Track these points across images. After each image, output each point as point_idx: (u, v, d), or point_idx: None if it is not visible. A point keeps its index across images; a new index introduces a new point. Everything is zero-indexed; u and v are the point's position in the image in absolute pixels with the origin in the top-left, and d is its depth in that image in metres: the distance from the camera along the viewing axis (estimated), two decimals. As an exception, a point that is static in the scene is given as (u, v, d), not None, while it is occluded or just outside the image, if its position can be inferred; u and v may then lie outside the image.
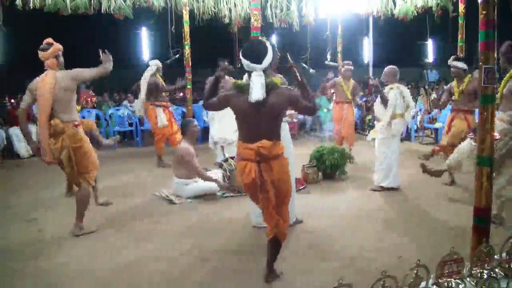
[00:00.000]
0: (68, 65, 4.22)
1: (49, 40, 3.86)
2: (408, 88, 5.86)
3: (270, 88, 2.67)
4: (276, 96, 2.68)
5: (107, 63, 3.95)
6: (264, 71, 2.71)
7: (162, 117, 6.79)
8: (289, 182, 2.92)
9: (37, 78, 3.78)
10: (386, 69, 5.40)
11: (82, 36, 13.94)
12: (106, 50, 3.93)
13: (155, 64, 7.02)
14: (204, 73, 7.62)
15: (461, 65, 5.34)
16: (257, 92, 2.61)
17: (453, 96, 5.42)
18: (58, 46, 3.83)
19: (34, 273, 3.17)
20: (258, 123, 2.70)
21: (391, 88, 5.25)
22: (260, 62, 2.69)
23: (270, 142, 2.68)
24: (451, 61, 5.41)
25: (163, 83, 7.06)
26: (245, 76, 4.09)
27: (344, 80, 7.17)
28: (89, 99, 7.59)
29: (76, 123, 3.78)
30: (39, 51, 3.82)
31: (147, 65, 7.06)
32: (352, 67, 7.20)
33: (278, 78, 2.78)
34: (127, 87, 11.28)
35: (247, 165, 2.73)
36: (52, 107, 3.66)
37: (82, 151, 3.78)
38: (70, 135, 3.71)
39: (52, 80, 3.66)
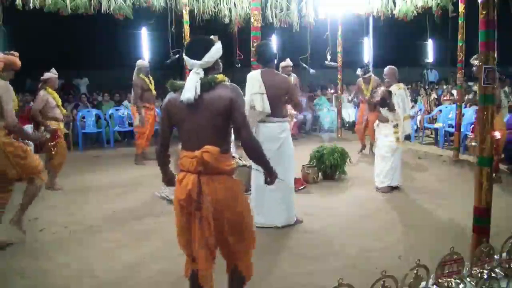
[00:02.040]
0: (68, 65, 4.22)
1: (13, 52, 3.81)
2: (408, 88, 5.88)
3: (208, 87, 2.22)
4: (215, 96, 2.21)
5: (37, 134, 4.03)
6: (207, 69, 2.29)
7: (138, 117, 6.83)
8: (242, 214, 2.37)
9: None
10: (386, 69, 5.40)
11: (82, 36, 13.93)
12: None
13: (137, 64, 7.05)
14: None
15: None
16: (188, 91, 2.19)
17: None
18: (11, 58, 3.69)
19: (34, 273, 3.17)
20: (197, 127, 2.23)
21: (399, 88, 5.22)
22: (199, 59, 2.26)
23: (217, 149, 2.17)
24: (473, 60, 5.47)
25: (149, 83, 7.04)
26: (250, 73, 4.10)
27: (364, 83, 7.58)
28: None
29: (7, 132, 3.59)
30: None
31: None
32: (368, 75, 7.54)
33: (221, 75, 2.30)
34: (127, 87, 11.28)
35: (186, 176, 2.20)
36: None
37: (16, 154, 3.59)
38: (2, 140, 3.54)
39: None
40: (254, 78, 4.01)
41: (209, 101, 2.21)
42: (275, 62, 4.18)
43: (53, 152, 5.31)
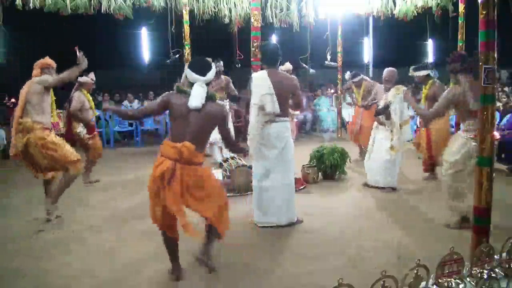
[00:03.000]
0: (68, 65, 4.26)
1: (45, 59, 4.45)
2: (408, 89, 5.87)
3: (208, 99, 2.90)
4: (212, 110, 2.92)
5: (82, 64, 4.48)
6: (207, 84, 2.95)
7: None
8: (210, 188, 2.96)
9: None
10: (385, 73, 5.39)
11: (82, 36, 13.92)
12: (81, 52, 4.52)
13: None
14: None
15: (423, 72, 5.61)
16: (196, 100, 2.84)
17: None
18: (43, 61, 4.39)
19: (35, 273, 3.17)
20: (189, 128, 2.85)
21: (397, 94, 5.16)
22: (204, 75, 2.93)
23: (193, 146, 2.80)
24: (412, 72, 5.65)
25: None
26: (257, 74, 4.09)
27: (356, 88, 7.28)
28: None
29: (45, 126, 4.19)
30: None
31: None
32: (357, 79, 7.23)
33: (217, 94, 3.07)
34: (127, 87, 11.28)
35: (164, 161, 2.80)
36: (26, 108, 4.16)
37: (50, 146, 4.12)
38: (37, 135, 4.10)
39: (28, 84, 4.20)
40: (262, 78, 3.98)
41: (206, 112, 2.88)
42: (279, 61, 4.16)
43: (88, 145, 5.81)
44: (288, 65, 6.74)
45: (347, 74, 7.51)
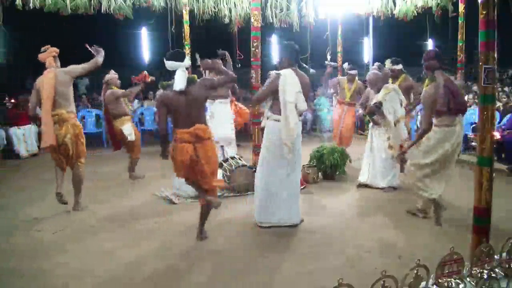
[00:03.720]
0: (68, 65, 4.26)
1: (46, 46, 4.57)
2: (395, 80, 5.92)
3: (190, 82, 3.43)
4: (196, 87, 3.45)
5: (99, 56, 4.78)
6: (186, 68, 3.47)
7: None
8: (217, 160, 3.70)
9: (40, 77, 4.40)
10: (368, 76, 5.50)
11: (82, 36, 13.90)
12: (94, 45, 4.81)
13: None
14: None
15: (400, 66, 5.96)
16: (180, 83, 3.37)
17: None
18: (54, 49, 4.55)
19: (34, 273, 3.17)
20: (188, 111, 3.41)
21: (388, 93, 5.21)
22: (182, 61, 3.46)
23: (204, 126, 3.47)
24: (389, 65, 5.86)
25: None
26: (285, 72, 4.04)
27: (348, 82, 7.17)
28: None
29: (74, 114, 4.53)
30: (39, 54, 4.47)
31: None
32: (354, 72, 7.18)
33: (194, 76, 3.53)
34: (127, 87, 11.27)
35: (185, 146, 3.38)
36: (55, 99, 4.29)
37: (81, 136, 4.54)
38: (72, 123, 4.42)
39: (53, 76, 4.31)
40: (293, 76, 3.92)
41: (193, 93, 3.41)
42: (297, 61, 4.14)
43: (130, 143, 5.98)
44: None
45: (346, 65, 7.44)
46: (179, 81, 3.38)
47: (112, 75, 6.06)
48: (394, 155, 5.16)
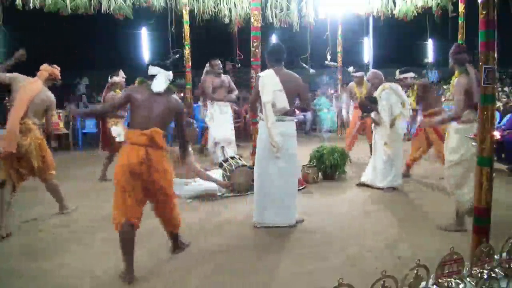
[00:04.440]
0: (68, 65, 4.25)
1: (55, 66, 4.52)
2: (408, 89, 5.89)
3: (169, 90, 3.24)
4: (171, 100, 3.22)
5: (49, 127, 4.47)
6: (182, 90, 3.38)
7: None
8: (170, 182, 3.17)
9: (25, 77, 4.30)
10: (368, 75, 5.50)
11: (82, 36, 13.94)
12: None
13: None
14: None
15: (411, 74, 5.69)
16: (159, 85, 3.16)
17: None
18: (56, 71, 4.48)
19: (35, 274, 3.17)
20: (153, 114, 3.08)
21: (383, 90, 5.25)
22: (168, 70, 3.29)
23: (161, 131, 3.04)
24: (398, 75, 5.65)
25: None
26: (265, 73, 4.07)
27: (357, 86, 7.16)
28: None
29: (39, 127, 4.32)
30: (45, 65, 4.44)
31: None
32: (359, 74, 7.15)
33: (174, 87, 3.37)
34: (127, 87, 11.27)
35: (135, 147, 2.99)
36: (28, 109, 4.15)
37: (44, 147, 4.30)
38: (35, 135, 4.20)
39: (39, 88, 4.25)
40: (272, 76, 3.97)
41: (167, 101, 3.17)
42: (284, 61, 4.12)
43: (118, 145, 5.83)
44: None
45: (351, 68, 7.44)
46: (158, 83, 3.17)
47: (120, 78, 5.99)
48: (389, 153, 5.17)
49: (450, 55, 3.91)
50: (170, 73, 3.31)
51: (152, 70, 3.27)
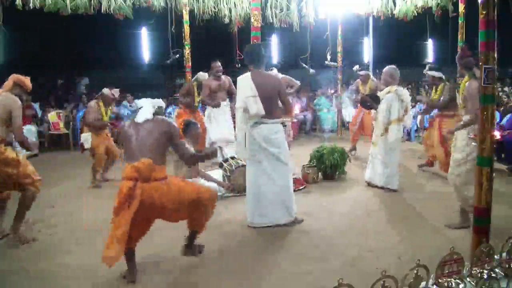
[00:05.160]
0: (68, 65, 4.23)
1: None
2: (408, 89, 5.88)
3: (155, 114, 3.10)
4: (159, 123, 3.05)
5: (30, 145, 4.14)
6: (155, 108, 3.14)
7: None
8: (180, 200, 3.02)
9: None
10: (387, 70, 5.38)
11: (82, 36, 13.93)
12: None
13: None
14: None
15: (437, 74, 5.66)
16: (143, 115, 3.05)
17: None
18: (22, 79, 3.91)
19: (34, 273, 3.17)
20: (141, 144, 2.94)
21: (388, 92, 5.21)
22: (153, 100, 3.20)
23: (149, 160, 2.85)
24: (426, 70, 5.61)
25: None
26: (240, 77, 4.08)
27: (362, 84, 7.50)
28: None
29: (6, 141, 3.79)
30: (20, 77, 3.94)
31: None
32: (363, 72, 7.50)
33: (162, 108, 3.23)
34: (127, 87, 11.27)
35: (124, 183, 2.84)
36: None
37: (9, 160, 3.72)
38: None
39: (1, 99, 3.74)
40: (244, 81, 3.98)
41: (153, 125, 3.02)
42: (265, 63, 4.10)
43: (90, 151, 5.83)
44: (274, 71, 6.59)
45: (356, 67, 7.65)
46: (143, 113, 3.07)
47: (109, 93, 5.93)
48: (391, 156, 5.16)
49: (457, 60, 3.90)
50: (159, 100, 3.23)
51: (139, 103, 3.21)
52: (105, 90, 5.94)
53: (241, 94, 3.97)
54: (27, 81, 3.95)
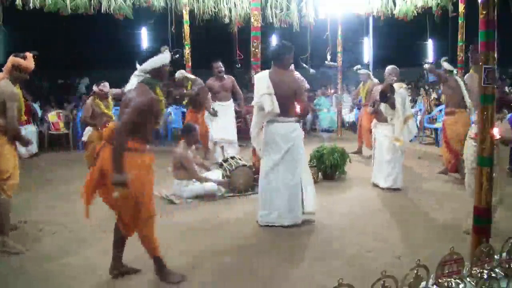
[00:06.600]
0: (68, 65, 4.22)
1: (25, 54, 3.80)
2: (408, 89, 5.89)
3: (147, 83, 2.90)
4: (136, 95, 2.81)
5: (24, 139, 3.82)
6: (149, 74, 2.94)
7: None
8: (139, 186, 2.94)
9: None
10: (389, 68, 5.39)
11: (82, 36, 13.93)
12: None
13: None
14: (204, 73, 7.63)
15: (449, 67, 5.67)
16: (129, 85, 2.96)
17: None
18: (21, 61, 3.69)
19: (35, 273, 3.17)
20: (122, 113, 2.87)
21: (401, 87, 5.21)
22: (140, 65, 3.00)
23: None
24: (442, 61, 5.59)
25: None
26: (258, 74, 4.09)
27: (363, 84, 7.53)
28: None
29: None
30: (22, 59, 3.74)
31: None
32: (362, 71, 7.51)
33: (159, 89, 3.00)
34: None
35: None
36: None
37: None
38: None
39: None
40: (262, 78, 4.00)
41: (129, 97, 2.85)
42: (286, 61, 4.05)
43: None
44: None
45: (357, 67, 7.68)
46: (130, 83, 2.99)
47: (96, 89, 5.97)
48: (401, 149, 5.14)
49: (470, 54, 3.91)
50: (148, 63, 2.95)
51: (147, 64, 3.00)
52: (94, 87, 6.04)
53: (257, 91, 3.99)
54: (23, 62, 3.68)
